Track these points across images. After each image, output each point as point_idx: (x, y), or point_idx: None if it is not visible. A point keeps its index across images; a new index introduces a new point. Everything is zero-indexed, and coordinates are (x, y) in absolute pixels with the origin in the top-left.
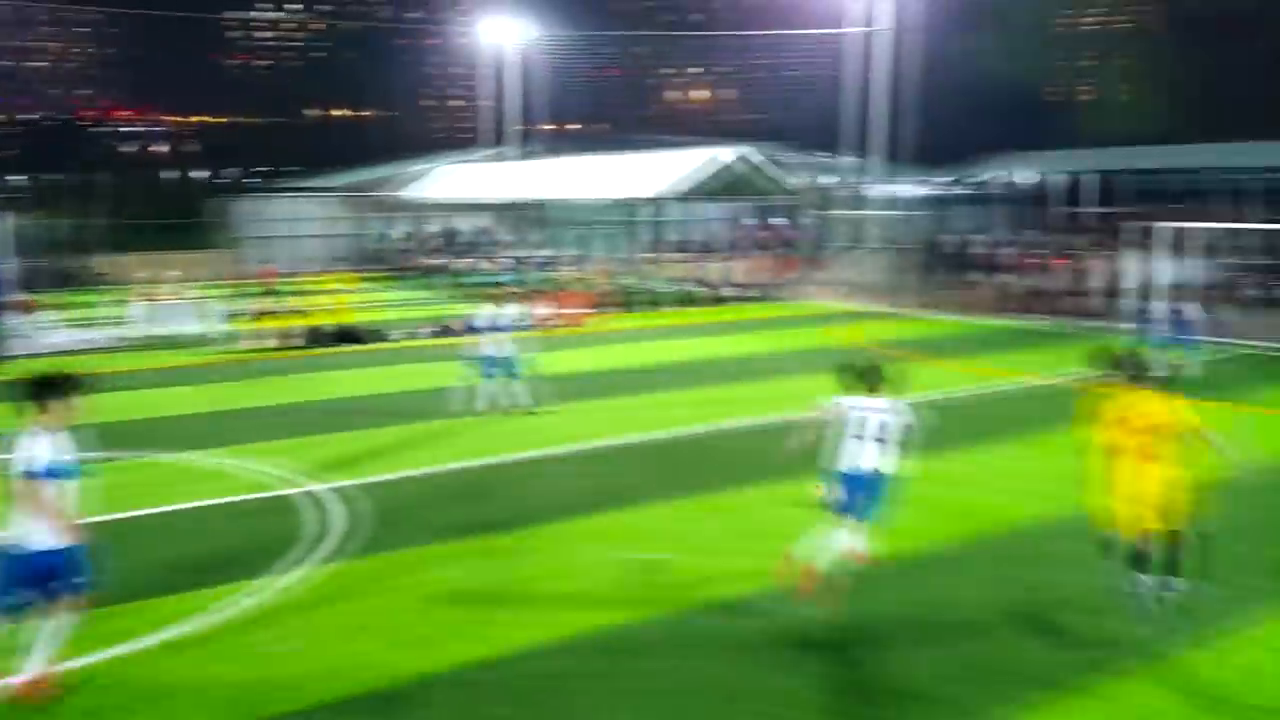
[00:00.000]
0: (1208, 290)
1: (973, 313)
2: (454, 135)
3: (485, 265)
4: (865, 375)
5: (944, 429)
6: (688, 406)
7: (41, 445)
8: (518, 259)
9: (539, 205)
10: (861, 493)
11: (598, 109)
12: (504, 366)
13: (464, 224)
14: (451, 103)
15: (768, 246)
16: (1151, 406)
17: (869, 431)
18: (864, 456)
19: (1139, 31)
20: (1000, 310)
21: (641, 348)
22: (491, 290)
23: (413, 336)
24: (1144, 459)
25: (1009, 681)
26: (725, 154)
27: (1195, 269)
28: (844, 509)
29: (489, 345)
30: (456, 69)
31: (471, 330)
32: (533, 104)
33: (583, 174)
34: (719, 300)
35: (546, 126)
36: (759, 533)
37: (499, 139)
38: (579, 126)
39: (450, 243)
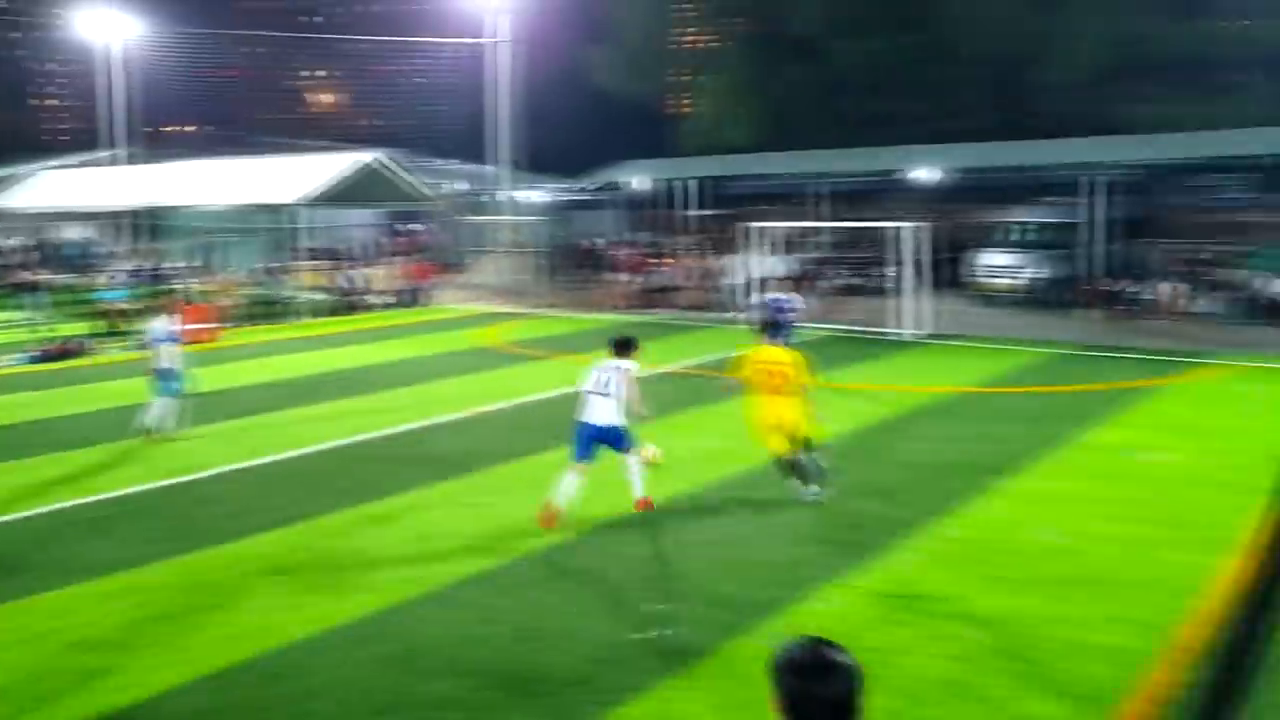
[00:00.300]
0: (795, 280)
1: (597, 310)
2: (57, 138)
3: (97, 280)
4: (614, 343)
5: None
6: (330, 419)
7: None
8: (133, 272)
9: (157, 213)
10: (600, 441)
11: (221, 111)
12: (167, 382)
13: (69, 234)
14: (50, 102)
15: (405, 252)
16: (777, 356)
17: (601, 388)
18: (598, 411)
19: (726, 51)
20: (621, 307)
21: (276, 362)
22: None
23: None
24: (774, 393)
25: (647, 656)
26: (358, 159)
27: (786, 262)
28: (580, 457)
29: (162, 360)
30: (70, 66)
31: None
32: (147, 105)
33: (206, 179)
34: (358, 308)
35: (165, 129)
36: (427, 535)
37: (110, 142)
38: (200, 129)
39: (52, 256)
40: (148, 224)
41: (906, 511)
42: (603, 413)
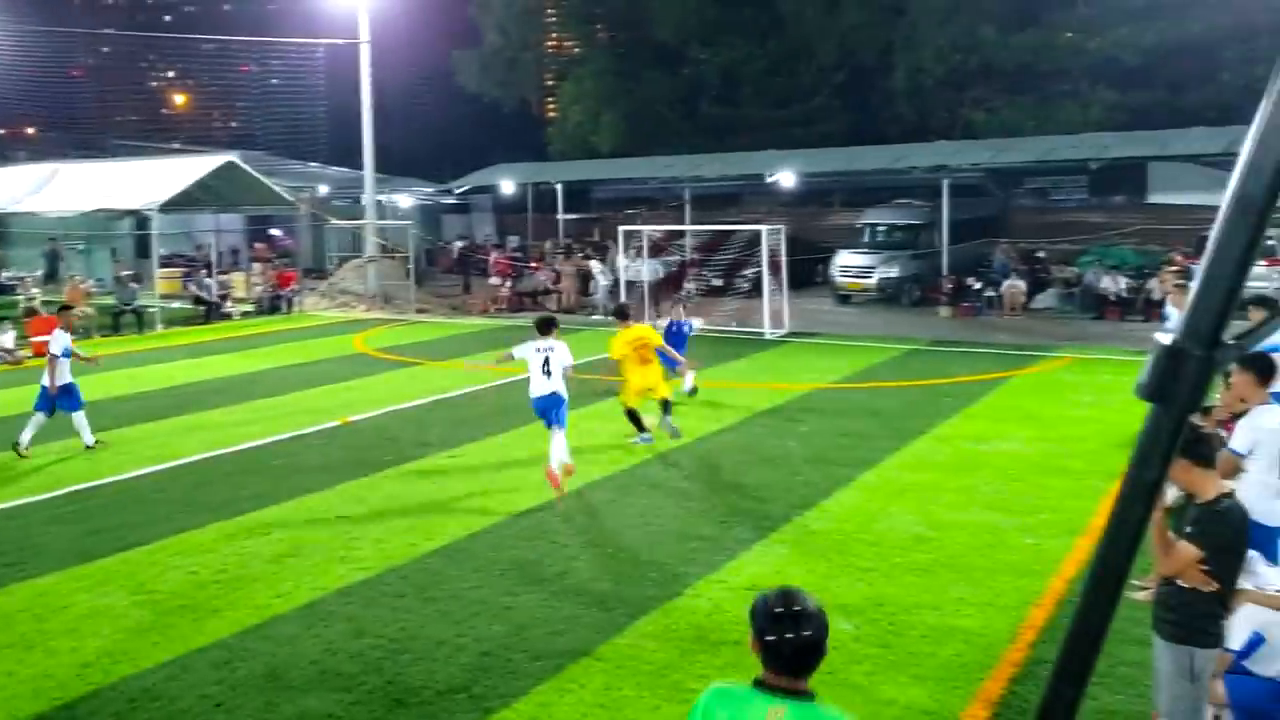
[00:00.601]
0: (660, 283)
1: (468, 315)
2: None
3: None
4: (540, 324)
5: (442, 426)
6: (190, 433)
7: None
8: None
9: None
10: (550, 409)
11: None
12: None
13: None
14: None
15: (266, 259)
16: (640, 332)
17: (544, 365)
18: (545, 384)
19: (589, 56)
20: (492, 311)
21: (131, 374)
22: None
23: None
24: (643, 363)
25: (524, 659)
26: (214, 162)
27: (652, 265)
28: (547, 424)
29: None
30: None
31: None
32: None
33: (51, 183)
34: (218, 317)
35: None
36: (294, 549)
37: None
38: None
39: None
40: None
41: (772, 506)
42: (550, 385)
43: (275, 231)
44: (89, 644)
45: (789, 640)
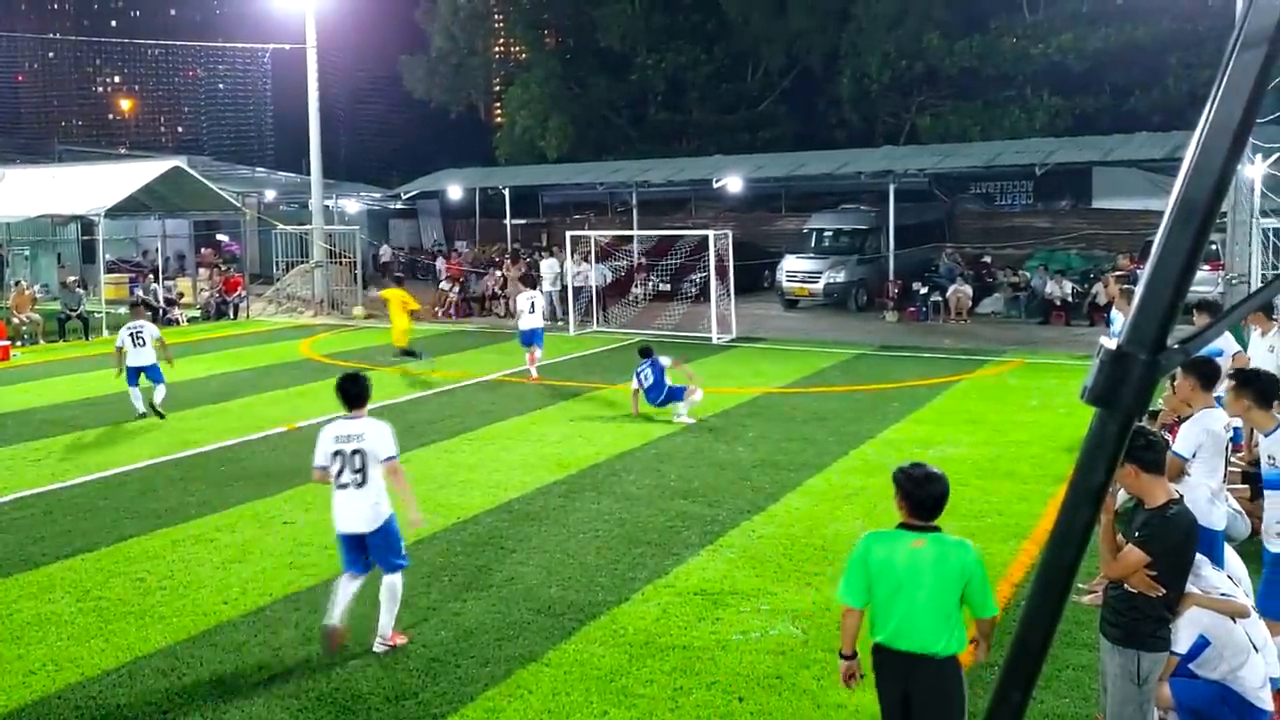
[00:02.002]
0: (606, 288)
1: (416, 320)
2: None
3: None
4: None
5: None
6: (137, 439)
7: None
8: None
9: None
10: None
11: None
12: None
13: None
14: None
15: (212, 264)
16: (393, 293)
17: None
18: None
19: (535, 62)
20: (440, 316)
21: (76, 380)
22: None
23: None
24: (404, 310)
25: (473, 665)
26: (159, 167)
27: (599, 269)
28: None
29: None
30: None
31: None
32: None
33: None
34: (164, 322)
35: None
36: (241, 555)
37: None
38: None
39: None
40: None
41: (720, 511)
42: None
43: (222, 237)
44: (34, 651)
45: (926, 492)
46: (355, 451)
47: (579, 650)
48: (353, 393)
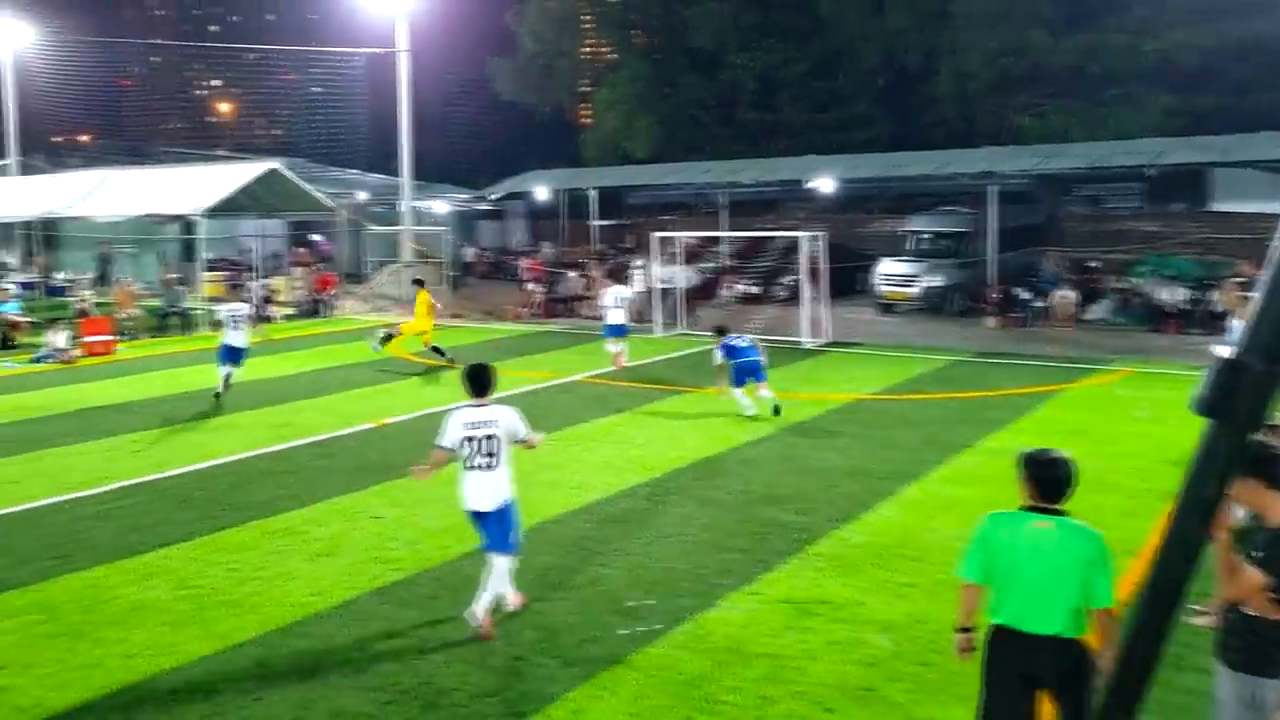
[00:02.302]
0: (692, 290)
1: (502, 320)
2: None
3: None
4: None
5: None
6: (232, 432)
7: None
8: (26, 284)
9: (52, 224)
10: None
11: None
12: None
13: None
14: None
15: (306, 264)
16: (426, 297)
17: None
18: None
19: (625, 63)
20: (526, 317)
21: (177, 375)
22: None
23: None
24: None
25: (556, 665)
26: (257, 169)
27: (687, 272)
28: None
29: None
30: None
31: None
32: (39, 114)
33: (101, 189)
34: (260, 320)
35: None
36: (331, 548)
37: (2, 152)
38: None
39: None
40: (42, 235)
41: (810, 519)
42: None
43: (316, 237)
44: (134, 636)
45: (1051, 475)
46: (487, 436)
47: (663, 655)
48: (481, 380)
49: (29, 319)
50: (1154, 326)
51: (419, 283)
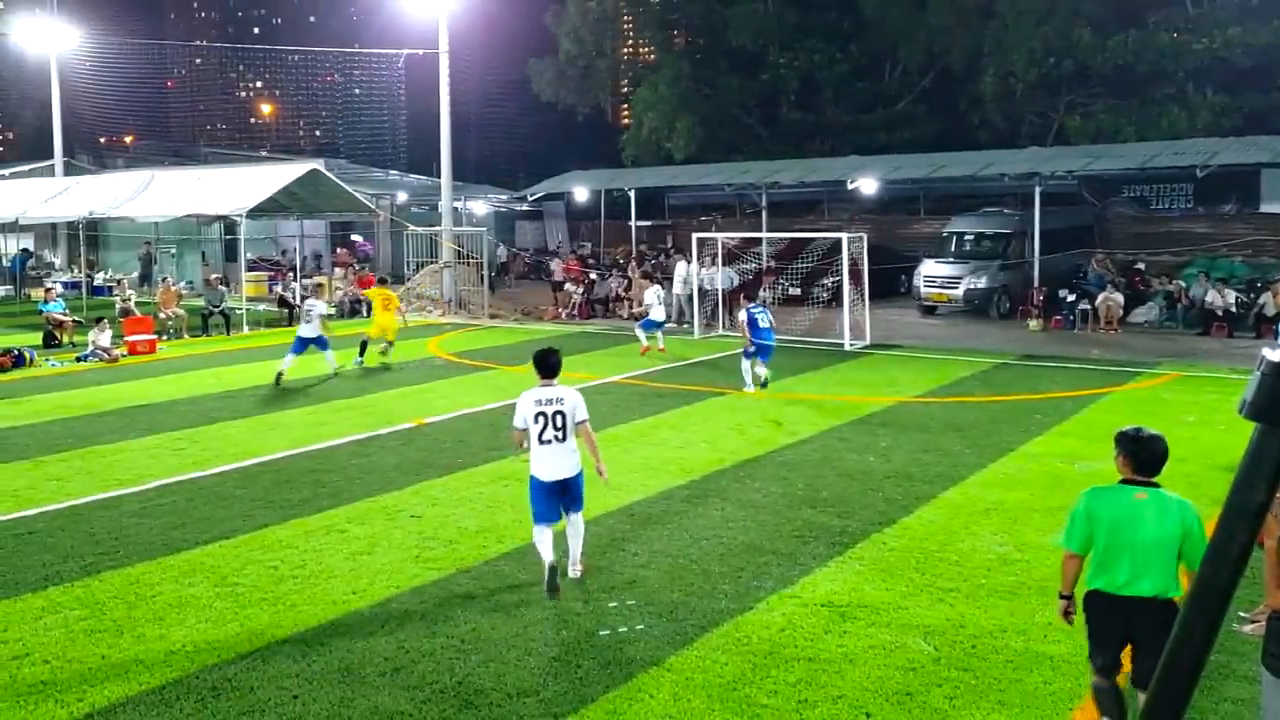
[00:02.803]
0: (733, 292)
1: (540, 321)
2: None
3: (36, 292)
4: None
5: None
6: (273, 431)
7: None
8: (71, 283)
9: (96, 224)
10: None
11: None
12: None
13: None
14: None
15: (347, 264)
16: (385, 291)
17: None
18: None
19: (664, 63)
20: (564, 317)
21: (219, 373)
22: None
23: None
24: (386, 309)
25: (594, 666)
26: (298, 170)
27: (726, 273)
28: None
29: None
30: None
31: None
32: (83, 115)
33: (144, 189)
34: (299, 319)
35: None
36: (369, 547)
37: (47, 152)
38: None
39: None
40: (86, 235)
41: (850, 522)
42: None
43: (356, 237)
44: (175, 632)
45: (1149, 451)
46: (557, 413)
47: (701, 657)
48: (550, 363)
49: (73, 318)
50: (1202, 329)
51: (382, 281)
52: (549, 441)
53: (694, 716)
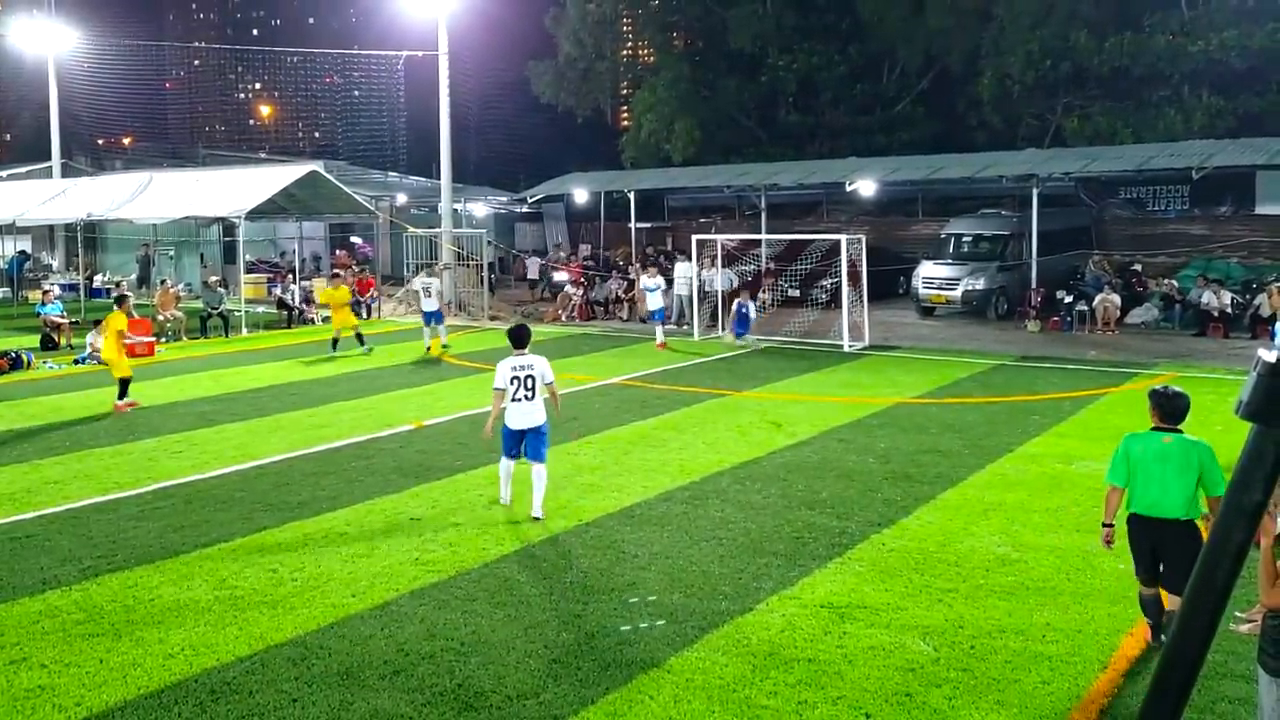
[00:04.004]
0: (733, 292)
1: (540, 322)
2: None
3: (34, 294)
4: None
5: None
6: (272, 434)
7: None
8: (67, 286)
9: (95, 226)
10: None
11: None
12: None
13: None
14: None
15: (346, 265)
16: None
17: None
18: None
19: (663, 65)
20: (563, 319)
21: (217, 376)
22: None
23: None
24: (338, 309)
25: (594, 668)
26: (297, 171)
27: (726, 274)
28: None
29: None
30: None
31: None
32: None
33: (142, 191)
34: (300, 321)
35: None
36: (368, 550)
37: (44, 153)
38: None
39: None
40: (84, 237)
41: (850, 523)
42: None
43: (356, 239)
44: (173, 636)
45: (1174, 405)
46: (528, 376)
47: (701, 659)
48: (522, 335)
49: (71, 320)
50: (1199, 330)
51: (335, 276)
52: (519, 400)
53: (694, 718)
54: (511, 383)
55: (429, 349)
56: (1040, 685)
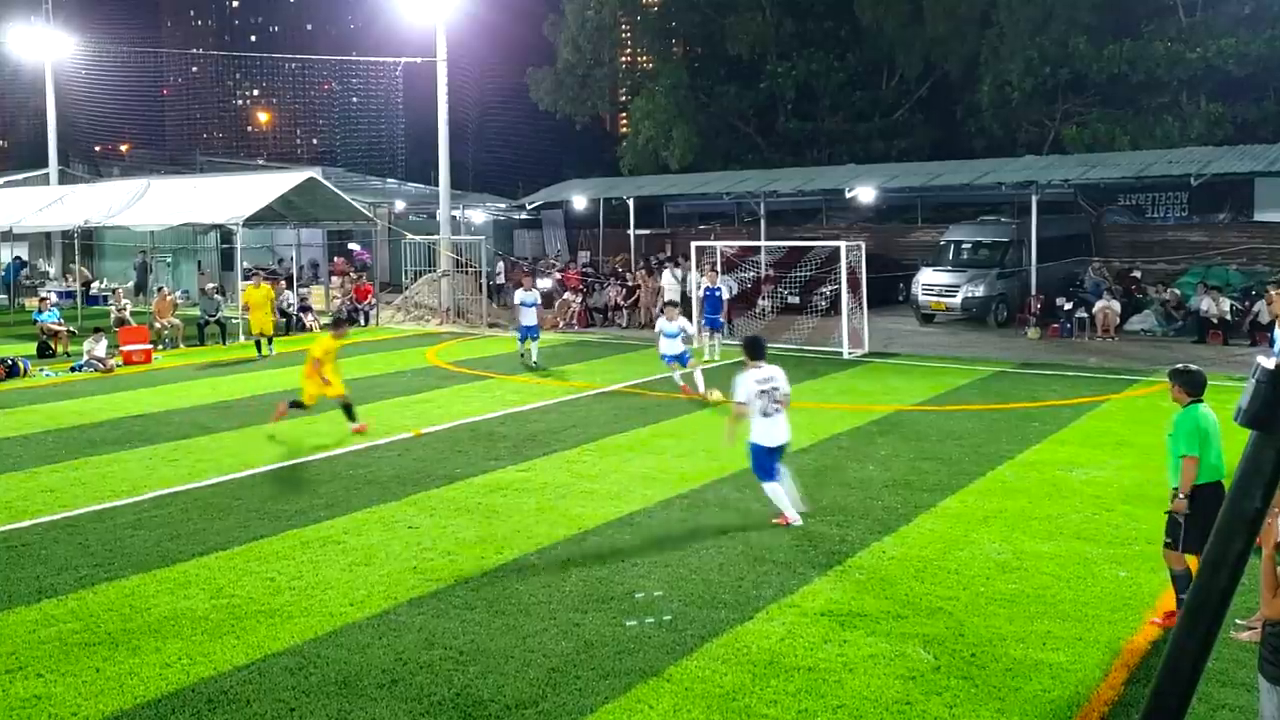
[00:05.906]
0: (731, 301)
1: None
2: None
3: (31, 301)
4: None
5: (512, 440)
6: (269, 442)
7: None
8: (64, 293)
9: (90, 233)
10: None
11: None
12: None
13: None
14: None
15: (344, 272)
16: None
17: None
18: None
19: (662, 71)
20: (562, 326)
21: (215, 383)
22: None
23: None
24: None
25: (593, 677)
26: (295, 178)
27: (726, 281)
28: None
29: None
30: None
31: None
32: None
33: (140, 198)
34: (297, 328)
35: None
36: (367, 558)
37: (41, 160)
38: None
39: None
40: (81, 244)
41: (849, 531)
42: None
43: (354, 246)
44: (170, 645)
45: (1200, 379)
46: (774, 388)
47: (700, 667)
48: (761, 347)
49: (68, 328)
50: (1198, 337)
51: (254, 274)
52: (770, 414)
53: None
54: (760, 397)
55: (533, 362)
56: (1041, 693)
